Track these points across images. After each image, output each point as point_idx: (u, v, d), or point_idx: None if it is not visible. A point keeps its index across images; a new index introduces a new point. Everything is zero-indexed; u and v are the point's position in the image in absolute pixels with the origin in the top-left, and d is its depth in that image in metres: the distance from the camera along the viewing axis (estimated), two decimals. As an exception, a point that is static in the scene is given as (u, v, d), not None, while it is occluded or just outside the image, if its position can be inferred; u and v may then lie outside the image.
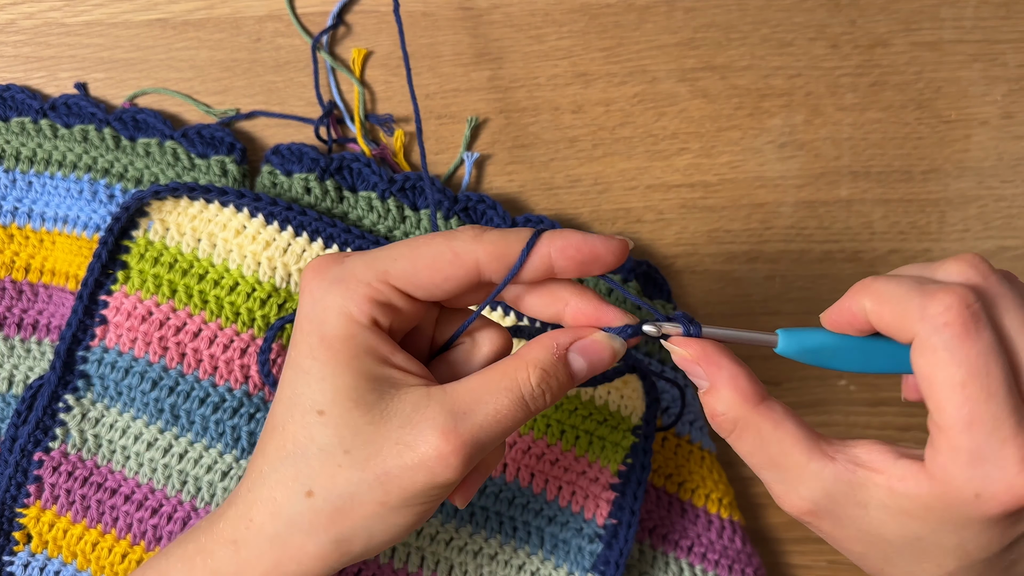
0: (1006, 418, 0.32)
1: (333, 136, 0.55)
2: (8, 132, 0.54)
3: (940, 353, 0.33)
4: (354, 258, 0.38)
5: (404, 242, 0.38)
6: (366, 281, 0.37)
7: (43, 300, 0.53)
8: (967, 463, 0.33)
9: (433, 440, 0.35)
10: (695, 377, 0.38)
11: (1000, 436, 0.32)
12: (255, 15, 0.56)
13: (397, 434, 0.36)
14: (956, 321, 0.33)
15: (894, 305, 0.34)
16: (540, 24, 0.57)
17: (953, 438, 0.33)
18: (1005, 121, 0.58)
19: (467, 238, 0.37)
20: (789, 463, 0.37)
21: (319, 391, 0.36)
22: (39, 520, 0.50)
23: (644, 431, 0.52)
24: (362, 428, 0.36)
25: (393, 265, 0.37)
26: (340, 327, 0.36)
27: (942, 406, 0.33)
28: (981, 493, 0.33)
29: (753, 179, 0.57)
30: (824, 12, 0.57)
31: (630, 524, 0.51)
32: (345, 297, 0.36)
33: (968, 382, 0.33)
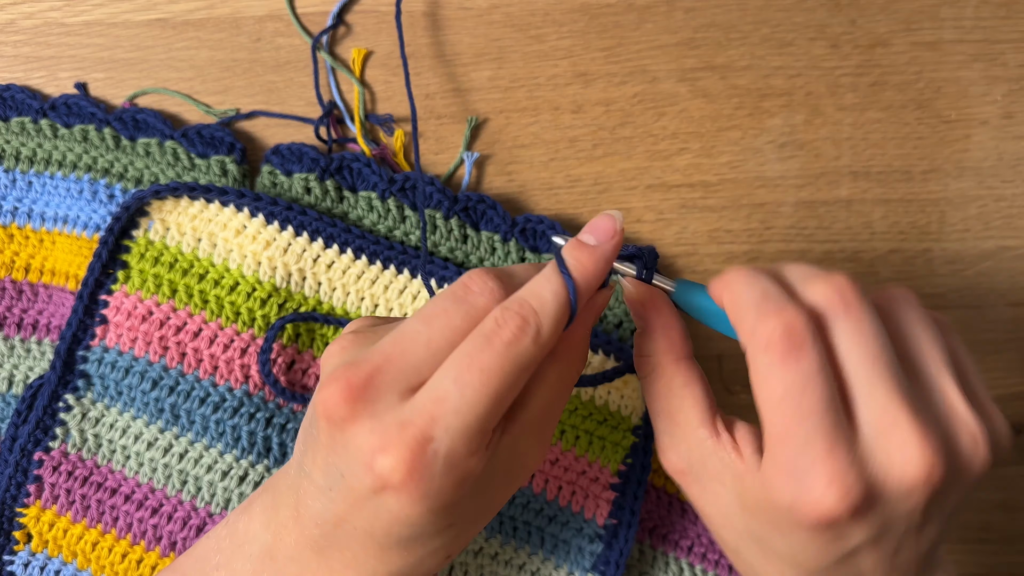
0: (819, 438, 0.34)
1: (333, 136, 0.55)
2: (8, 132, 0.54)
3: (762, 371, 0.35)
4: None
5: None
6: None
7: (43, 300, 0.53)
8: (784, 474, 0.35)
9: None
10: (636, 317, 0.41)
11: (811, 454, 0.34)
12: (255, 15, 0.56)
13: None
14: (777, 345, 0.35)
15: (737, 312, 0.37)
16: (540, 24, 0.57)
17: (772, 449, 0.35)
18: (1005, 121, 0.58)
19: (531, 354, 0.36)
20: (681, 420, 0.39)
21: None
22: (39, 520, 0.50)
23: (644, 431, 0.52)
24: None
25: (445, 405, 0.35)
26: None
27: (763, 418, 0.35)
28: (793, 505, 0.35)
29: (753, 179, 0.57)
30: (824, 12, 0.57)
31: (630, 524, 0.51)
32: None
33: (784, 401, 0.34)
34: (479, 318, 0.35)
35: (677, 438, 0.39)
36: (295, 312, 0.51)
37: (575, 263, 0.37)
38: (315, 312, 0.51)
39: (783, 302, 0.35)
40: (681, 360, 0.40)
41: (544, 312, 0.35)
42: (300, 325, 0.51)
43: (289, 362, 0.51)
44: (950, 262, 0.58)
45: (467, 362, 0.34)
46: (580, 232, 0.39)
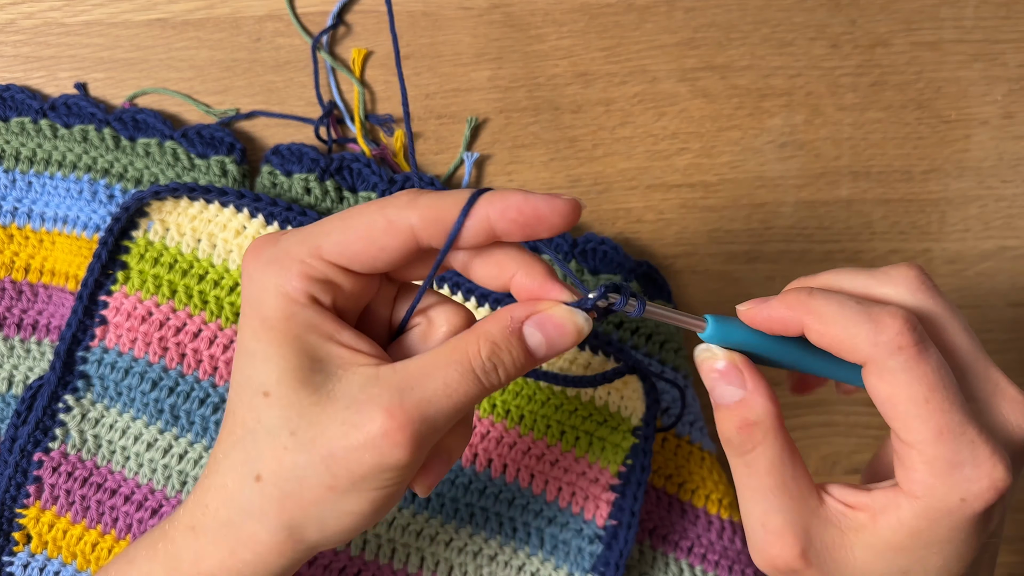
0: (968, 422, 0.34)
1: (333, 136, 0.55)
2: (8, 132, 0.54)
3: (899, 375, 0.34)
4: (288, 236, 0.36)
5: (338, 214, 0.36)
6: (299, 258, 0.35)
7: (43, 300, 0.53)
8: (945, 471, 0.34)
9: (378, 418, 0.34)
10: (730, 385, 0.37)
11: (969, 439, 0.34)
12: (255, 15, 0.56)
13: (343, 414, 0.34)
14: (908, 345, 0.34)
15: (840, 329, 0.35)
16: (540, 24, 0.57)
17: (926, 451, 0.34)
18: (1005, 121, 0.58)
19: (401, 204, 0.35)
20: (796, 491, 0.36)
21: (264, 372, 0.35)
22: (39, 520, 0.50)
23: (644, 432, 0.52)
24: (307, 409, 0.35)
25: (325, 239, 0.35)
26: (278, 307, 0.35)
27: (908, 423, 0.34)
28: (966, 496, 0.34)
29: (753, 179, 0.57)
30: (824, 12, 0.57)
31: (630, 525, 0.51)
32: (280, 276, 0.35)
33: (930, 397, 0.34)
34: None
35: (793, 514, 0.36)
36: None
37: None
38: (315, 312, 0.51)
39: (883, 306, 0.35)
40: (783, 426, 0.37)
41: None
42: (300, 325, 0.51)
43: (289, 362, 0.51)
44: (950, 262, 0.58)
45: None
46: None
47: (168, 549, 0.37)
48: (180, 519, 0.37)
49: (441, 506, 0.51)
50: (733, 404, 0.37)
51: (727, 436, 0.37)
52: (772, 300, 0.36)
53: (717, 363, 0.37)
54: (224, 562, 0.36)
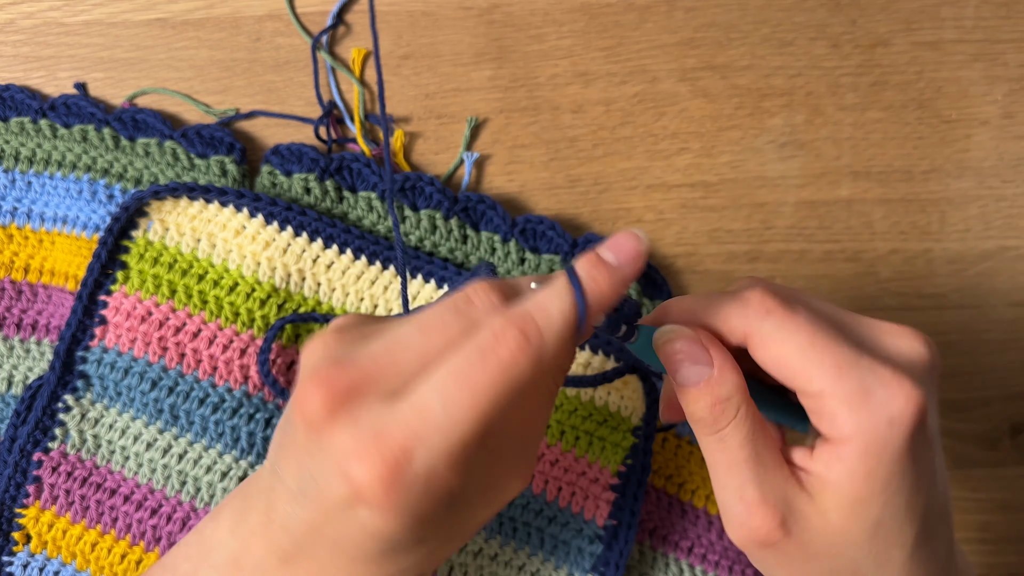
0: (862, 353, 0.35)
1: (333, 136, 0.55)
2: (7, 132, 0.54)
3: (777, 334, 0.35)
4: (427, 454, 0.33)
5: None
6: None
7: (42, 300, 0.53)
8: (860, 402, 0.34)
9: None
10: (696, 365, 0.37)
11: (867, 366, 0.35)
12: (255, 15, 0.56)
13: None
14: (775, 307, 0.35)
15: (719, 319, 0.37)
16: (540, 24, 0.56)
17: (833, 391, 0.35)
18: (1006, 121, 0.58)
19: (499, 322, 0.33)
20: (770, 461, 0.36)
21: None
22: (38, 520, 0.50)
23: (644, 432, 0.51)
24: None
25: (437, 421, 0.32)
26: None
27: (806, 373, 0.35)
28: (891, 417, 0.34)
29: (754, 179, 0.57)
30: (825, 12, 0.57)
31: (630, 525, 0.51)
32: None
33: (814, 340, 0.35)
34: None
35: (768, 484, 0.36)
36: (295, 312, 0.51)
37: (590, 281, 0.33)
38: (315, 312, 0.51)
39: (742, 288, 0.37)
40: (749, 396, 0.37)
41: (549, 330, 0.32)
42: (300, 326, 0.51)
43: (288, 363, 0.51)
44: (951, 262, 0.58)
45: (457, 377, 0.31)
46: (600, 246, 0.35)
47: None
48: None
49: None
50: (702, 384, 0.36)
51: (699, 416, 0.37)
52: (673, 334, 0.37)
53: (680, 343, 0.37)
54: None
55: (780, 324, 0.35)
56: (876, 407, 0.34)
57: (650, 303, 0.55)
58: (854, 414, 0.34)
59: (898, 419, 0.34)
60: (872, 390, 0.34)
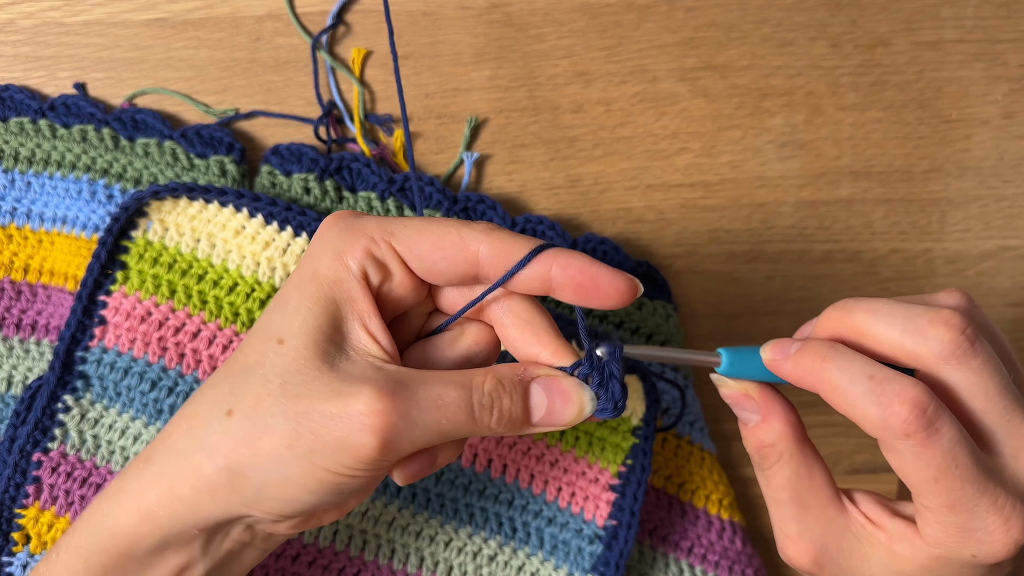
0: (980, 496, 0.34)
1: (332, 136, 0.55)
2: (7, 132, 0.54)
3: (908, 457, 0.35)
4: (369, 216, 0.38)
5: (419, 217, 0.38)
6: (370, 235, 0.37)
7: (42, 300, 0.53)
8: (957, 535, 0.35)
9: (364, 396, 0.34)
10: (745, 411, 0.39)
11: (981, 512, 0.34)
12: (254, 14, 0.56)
13: (336, 384, 0.35)
14: (915, 431, 0.34)
15: (851, 408, 0.36)
16: (540, 24, 0.56)
17: (939, 518, 0.35)
18: (1006, 121, 0.58)
19: (478, 229, 0.37)
20: (812, 503, 0.38)
21: (288, 321, 0.36)
22: (38, 520, 0.50)
23: (644, 432, 0.51)
24: (308, 366, 0.35)
25: (401, 230, 0.37)
26: (331, 268, 0.37)
27: (921, 494, 0.35)
28: (977, 553, 0.35)
29: (754, 179, 0.57)
30: (825, 11, 0.57)
31: (630, 525, 0.51)
32: (345, 242, 0.37)
33: (940, 477, 0.34)
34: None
35: (808, 523, 0.38)
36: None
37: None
38: (314, 312, 0.51)
39: (896, 379, 0.35)
40: (804, 442, 0.39)
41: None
42: (299, 325, 0.51)
43: (288, 363, 0.51)
44: (951, 262, 0.58)
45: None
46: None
47: (119, 482, 0.38)
48: (141, 453, 0.38)
49: (441, 506, 0.51)
50: (751, 427, 0.39)
51: (749, 452, 0.39)
52: (791, 356, 0.37)
53: (726, 391, 0.39)
54: (161, 497, 0.36)
55: (912, 451, 0.34)
56: (969, 543, 0.35)
57: (650, 303, 0.55)
58: (946, 538, 0.35)
59: (984, 556, 0.35)
60: (974, 531, 0.35)
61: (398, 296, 0.38)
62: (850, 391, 0.35)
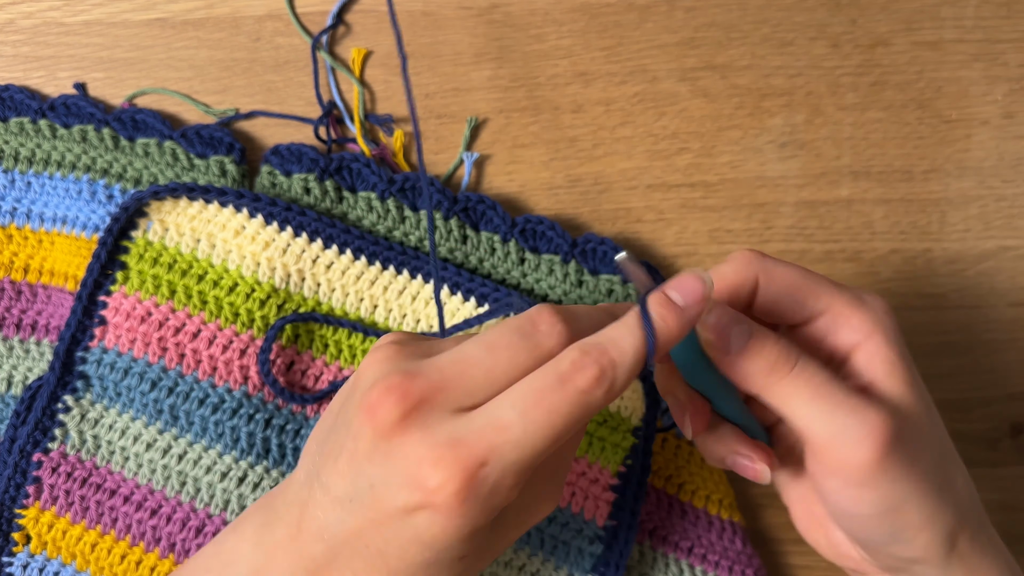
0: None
1: (333, 136, 0.55)
2: (7, 132, 0.54)
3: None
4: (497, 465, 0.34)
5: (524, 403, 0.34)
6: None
7: (42, 300, 0.53)
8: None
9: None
10: (724, 339, 0.38)
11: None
12: (255, 14, 0.56)
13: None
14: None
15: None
16: (540, 24, 0.56)
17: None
18: (1006, 121, 0.58)
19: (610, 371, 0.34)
20: (848, 401, 0.38)
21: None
22: (38, 521, 0.50)
23: (644, 432, 0.51)
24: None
25: (517, 453, 0.34)
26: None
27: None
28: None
29: (754, 179, 0.57)
30: (825, 11, 0.57)
31: (630, 525, 0.51)
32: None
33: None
34: (543, 357, 0.34)
35: (858, 415, 0.38)
36: (295, 313, 0.51)
37: (660, 321, 0.35)
38: (315, 313, 0.51)
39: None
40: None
41: (622, 366, 0.34)
42: (299, 326, 0.51)
43: (288, 363, 0.51)
44: (951, 262, 0.58)
45: (536, 397, 0.33)
46: (667, 285, 0.36)
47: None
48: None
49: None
50: (741, 359, 0.38)
51: (750, 365, 0.38)
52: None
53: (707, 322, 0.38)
54: None
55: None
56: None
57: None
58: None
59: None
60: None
61: None
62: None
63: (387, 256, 0.52)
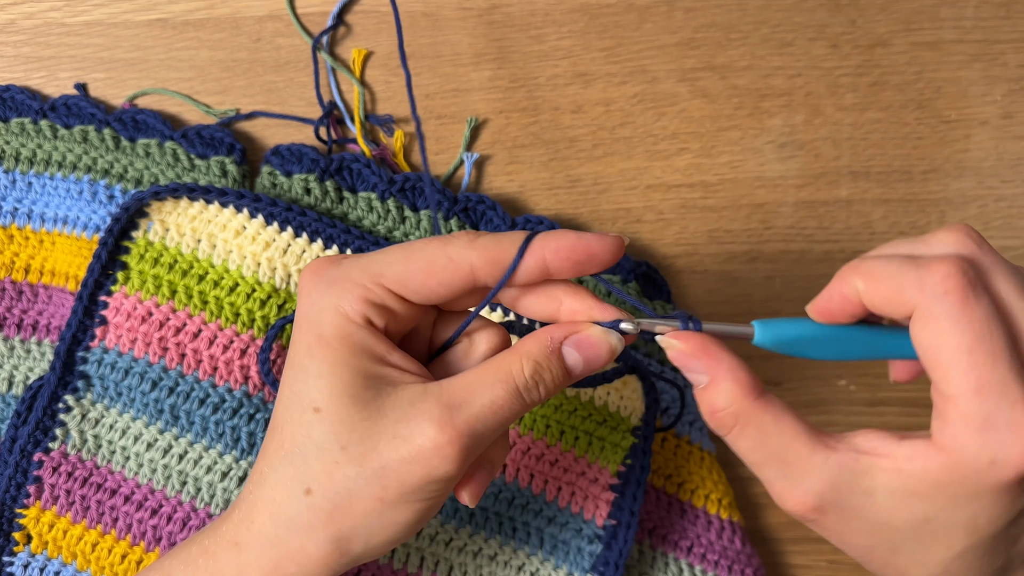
0: (1013, 381, 0.32)
1: (333, 136, 0.55)
2: (8, 133, 0.54)
3: (943, 322, 0.33)
4: (350, 260, 0.38)
5: (400, 246, 0.38)
6: (361, 283, 0.37)
7: (43, 301, 0.53)
8: (979, 429, 0.33)
9: (429, 432, 0.35)
10: (692, 372, 0.37)
11: (1010, 399, 0.32)
12: (255, 15, 0.56)
13: (393, 428, 0.36)
14: (956, 289, 0.33)
15: (889, 282, 0.34)
16: (540, 24, 0.57)
17: (962, 405, 0.33)
18: (1005, 121, 0.58)
19: (462, 243, 0.37)
20: (792, 456, 0.36)
21: (316, 388, 0.36)
22: (39, 521, 0.50)
23: (644, 432, 0.52)
24: (358, 424, 0.36)
25: (388, 268, 0.37)
26: (336, 326, 0.37)
27: (949, 374, 0.33)
28: (996, 459, 0.33)
29: (753, 179, 0.57)
30: (824, 12, 0.57)
31: (629, 525, 0.51)
32: (340, 297, 0.37)
33: (974, 347, 0.32)
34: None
35: (794, 478, 0.36)
36: (295, 312, 0.51)
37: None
38: (315, 313, 0.51)
39: (935, 256, 0.34)
40: (760, 397, 0.37)
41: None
42: (300, 326, 0.51)
43: (289, 363, 0.51)
44: (950, 262, 0.58)
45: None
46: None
47: (209, 565, 0.38)
48: (222, 534, 0.38)
49: (442, 506, 0.51)
50: (700, 390, 0.37)
51: (706, 420, 0.38)
52: (848, 270, 0.36)
53: (672, 352, 0.38)
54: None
55: (949, 313, 0.33)
56: (990, 442, 0.33)
57: (650, 303, 0.55)
58: (965, 435, 0.33)
59: (1003, 463, 0.33)
60: (998, 425, 0.32)
61: (404, 321, 0.39)
62: (887, 267, 0.34)
63: (387, 256, 0.52)
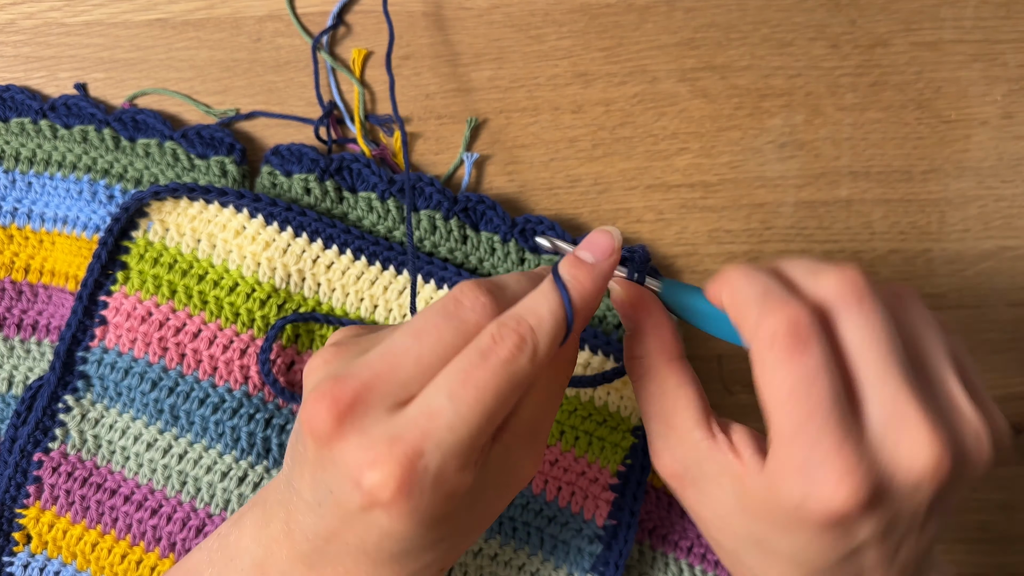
0: (828, 434, 0.33)
1: (333, 136, 0.55)
2: (8, 133, 0.54)
3: (767, 368, 0.34)
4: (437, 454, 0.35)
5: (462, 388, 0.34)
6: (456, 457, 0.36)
7: (43, 301, 0.53)
8: (794, 471, 0.34)
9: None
10: (626, 319, 0.40)
11: (822, 451, 0.33)
12: (255, 15, 0.56)
13: None
14: (782, 341, 0.34)
15: (739, 309, 0.36)
16: (540, 24, 0.57)
17: (780, 447, 0.34)
18: (1005, 121, 0.58)
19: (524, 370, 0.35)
20: (676, 422, 0.38)
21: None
22: (39, 521, 0.50)
23: (643, 432, 0.52)
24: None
25: (449, 433, 0.34)
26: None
27: (771, 417, 0.35)
28: (803, 503, 0.34)
29: (753, 179, 0.57)
30: (824, 12, 0.57)
31: (629, 525, 0.51)
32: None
33: (791, 398, 0.34)
34: (471, 334, 0.35)
35: (672, 441, 0.39)
36: (295, 313, 0.51)
37: (572, 281, 0.37)
38: (315, 312, 0.51)
39: (786, 297, 0.35)
40: (674, 361, 0.39)
41: (541, 330, 0.35)
42: (300, 326, 0.51)
43: (289, 363, 0.51)
44: (950, 262, 0.58)
45: (462, 377, 0.34)
46: (577, 247, 0.39)
47: None
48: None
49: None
50: (627, 336, 0.40)
51: (625, 361, 0.41)
52: (724, 271, 0.38)
53: (615, 295, 0.40)
54: None
55: (776, 361, 0.34)
56: (800, 484, 0.34)
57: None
58: (781, 470, 0.35)
59: (811, 507, 0.34)
60: (809, 472, 0.34)
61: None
62: (742, 297, 0.36)
63: (387, 256, 0.52)
